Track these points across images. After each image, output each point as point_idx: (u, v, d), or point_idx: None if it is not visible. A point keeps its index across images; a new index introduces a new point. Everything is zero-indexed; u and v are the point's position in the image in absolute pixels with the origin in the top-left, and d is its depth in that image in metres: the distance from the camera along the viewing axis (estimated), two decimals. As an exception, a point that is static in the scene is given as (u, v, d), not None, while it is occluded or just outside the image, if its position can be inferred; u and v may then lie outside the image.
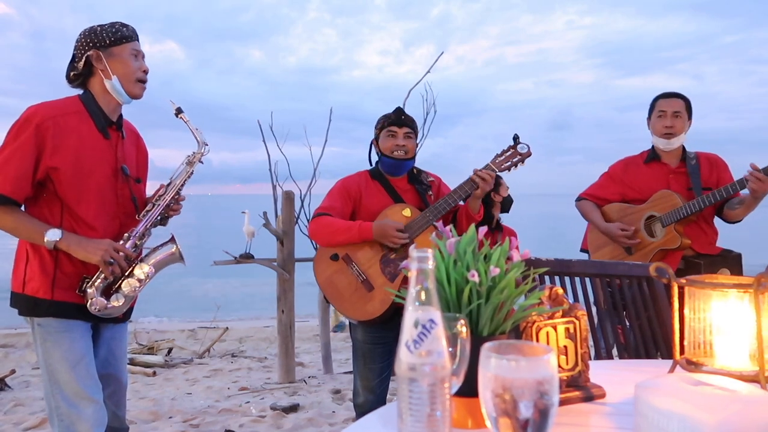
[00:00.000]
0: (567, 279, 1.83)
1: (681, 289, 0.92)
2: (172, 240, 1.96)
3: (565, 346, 1.00)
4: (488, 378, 0.66)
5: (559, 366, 1.00)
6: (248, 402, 3.62)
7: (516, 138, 2.35)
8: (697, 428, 0.72)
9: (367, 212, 2.40)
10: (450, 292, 0.89)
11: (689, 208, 2.42)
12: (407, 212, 2.32)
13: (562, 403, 0.98)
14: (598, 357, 1.96)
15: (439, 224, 0.99)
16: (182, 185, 1.97)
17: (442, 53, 4.03)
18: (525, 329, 0.97)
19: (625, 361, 1.41)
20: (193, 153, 1.99)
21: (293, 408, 3.41)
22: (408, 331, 0.70)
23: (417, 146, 2.52)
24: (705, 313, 0.87)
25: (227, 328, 6.27)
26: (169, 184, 1.97)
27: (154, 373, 4.54)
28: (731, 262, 2.44)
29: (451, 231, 0.95)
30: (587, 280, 1.83)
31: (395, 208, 2.34)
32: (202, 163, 2.01)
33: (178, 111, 1.93)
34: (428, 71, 3.87)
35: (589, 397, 1.00)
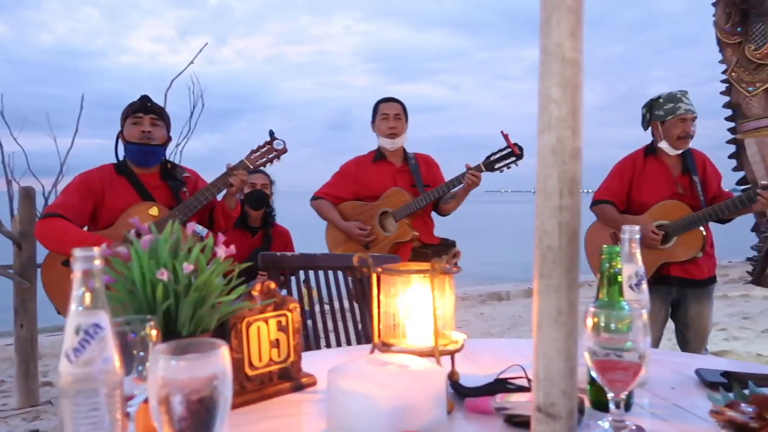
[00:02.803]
0: (312, 273, 1.88)
1: (379, 276, 1.00)
2: None
3: (277, 339, 1.02)
4: (155, 381, 0.63)
5: (271, 359, 1.01)
6: (-29, 436, 3.07)
7: (272, 134, 2.35)
8: (373, 404, 0.78)
9: (110, 211, 2.18)
10: (146, 293, 0.84)
11: (418, 203, 2.71)
12: (154, 211, 2.16)
13: (274, 395, 1.00)
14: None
15: (135, 220, 0.93)
16: None
17: (206, 44, 3.89)
18: (234, 325, 0.96)
19: (344, 348, 1.51)
20: None
21: (30, 436, 2.98)
22: (69, 339, 0.64)
23: (169, 139, 2.37)
24: (395, 298, 0.96)
25: (-49, 351, 5.22)
26: None
27: None
28: (449, 249, 2.79)
29: (150, 227, 0.90)
30: (332, 273, 1.91)
31: (141, 207, 2.17)
32: None
33: None
34: (191, 62, 3.70)
35: (300, 387, 1.03)
